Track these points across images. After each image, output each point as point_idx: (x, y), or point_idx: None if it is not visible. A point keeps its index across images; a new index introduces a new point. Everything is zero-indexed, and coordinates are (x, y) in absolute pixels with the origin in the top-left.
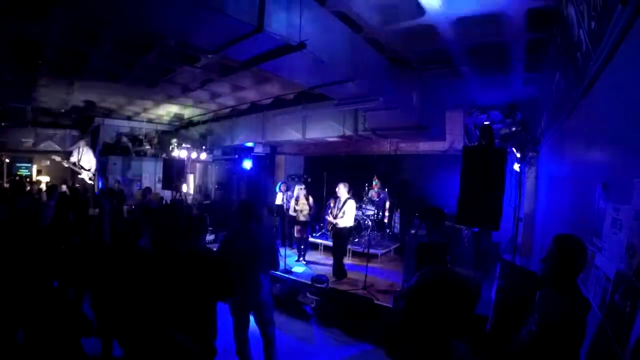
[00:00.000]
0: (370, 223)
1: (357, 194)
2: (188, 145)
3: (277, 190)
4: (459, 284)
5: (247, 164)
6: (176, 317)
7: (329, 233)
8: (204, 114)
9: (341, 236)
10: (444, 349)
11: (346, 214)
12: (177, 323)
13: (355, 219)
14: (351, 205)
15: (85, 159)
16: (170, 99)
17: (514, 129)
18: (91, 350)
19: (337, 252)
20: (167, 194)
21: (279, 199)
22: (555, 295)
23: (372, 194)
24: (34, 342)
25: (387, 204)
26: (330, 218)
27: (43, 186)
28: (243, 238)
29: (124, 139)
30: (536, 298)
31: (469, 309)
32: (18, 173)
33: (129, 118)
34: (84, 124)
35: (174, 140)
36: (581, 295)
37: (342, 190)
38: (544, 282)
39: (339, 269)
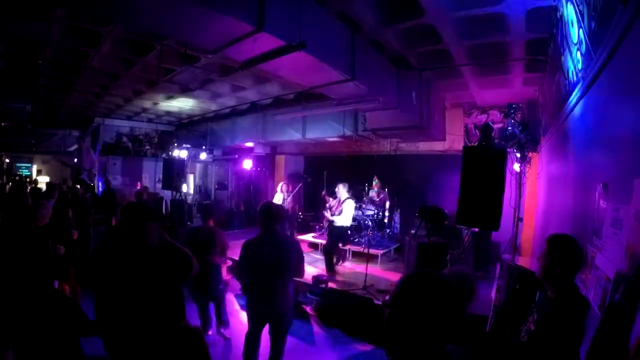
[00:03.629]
0: (370, 223)
1: (357, 194)
2: (188, 145)
3: (279, 190)
4: (442, 284)
5: (247, 164)
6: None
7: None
8: (204, 114)
9: (334, 235)
10: (437, 352)
11: (343, 213)
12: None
13: (355, 219)
14: (349, 205)
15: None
16: (169, 98)
17: (514, 129)
18: (92, 350)
19: (328, 249)
20: (167, 194)
21: (278, 199)
22: (553, 295)
23: (372, 194)
24: (33, 342)
25: (387, 204)
26: (327, 214)
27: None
28: (268, 243)
29: (124, 139)
30: (536, 298)
31: (456, 308)
32: (18, 173)
33: (129, 118)
34: (84, 124)
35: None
36: (579, 294)
37: (341, 191)
38: (541, 282)
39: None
